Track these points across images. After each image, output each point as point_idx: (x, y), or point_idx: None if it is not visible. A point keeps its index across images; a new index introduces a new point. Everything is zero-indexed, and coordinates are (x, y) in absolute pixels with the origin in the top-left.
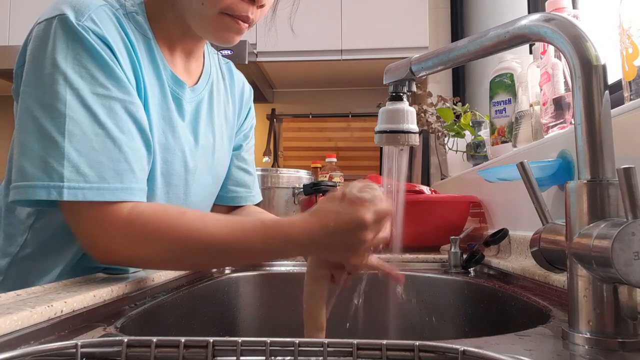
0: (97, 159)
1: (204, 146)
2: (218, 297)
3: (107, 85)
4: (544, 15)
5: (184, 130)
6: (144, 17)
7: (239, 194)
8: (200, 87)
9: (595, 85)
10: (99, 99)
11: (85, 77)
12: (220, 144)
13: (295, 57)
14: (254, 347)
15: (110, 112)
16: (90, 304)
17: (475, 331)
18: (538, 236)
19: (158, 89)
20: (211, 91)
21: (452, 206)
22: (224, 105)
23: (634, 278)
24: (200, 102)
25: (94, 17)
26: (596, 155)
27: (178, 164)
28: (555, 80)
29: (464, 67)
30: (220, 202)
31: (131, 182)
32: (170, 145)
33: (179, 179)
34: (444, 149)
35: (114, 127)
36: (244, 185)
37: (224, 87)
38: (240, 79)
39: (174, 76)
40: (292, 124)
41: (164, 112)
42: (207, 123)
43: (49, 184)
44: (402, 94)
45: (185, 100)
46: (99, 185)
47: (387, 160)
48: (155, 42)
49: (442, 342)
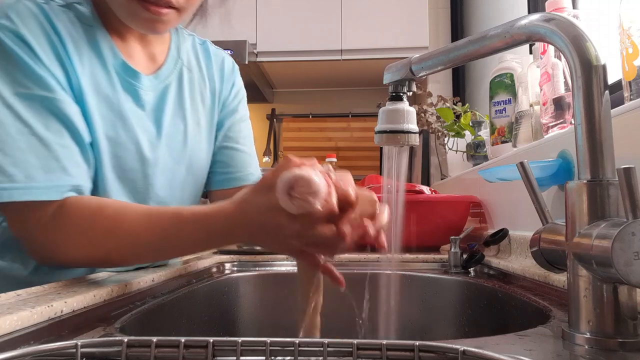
0: (23, 158)
1: (170, 135)
2: (218, 297)
3: (28, 84)
4: (544, 15)
5: (143, 121)
6: (89, 5)
7: (231, 175)
8: (164, 73)
9: (595, 85)
10: (20, 98)
11: (4, 78)
12: (195, 130)
13: (295, 57)
14: (254, 347)
15: (34, 111)
16: (90, 304)
17: (475, 331)
18: (538, 236)
19: (105, 80)
20: (180, 76)
21: (452, 206)
22: (199, 89)
23: (634, 278)
24: (165, 89)
25: (12, 14)
26: (596, 155)
27: (132, 157)
28: (555, 80)
29: (464, 67)
30: (214, 187)
31: (61, 180)
32: (122, 138)
33: (135, 173)
34: (444, 149)
35: (39, 126)
36: (233, 165)
37: (198, 68)
38: (220, 55)
39: (124, 65)
40: (292, 124)
41: (112, 104)
42: (175, 110)
43: None
44: (402, 94)
45: (143, 89)
46: (26, 184)
47: (387, 160)
48: (104, 31)
49: (442, 342)
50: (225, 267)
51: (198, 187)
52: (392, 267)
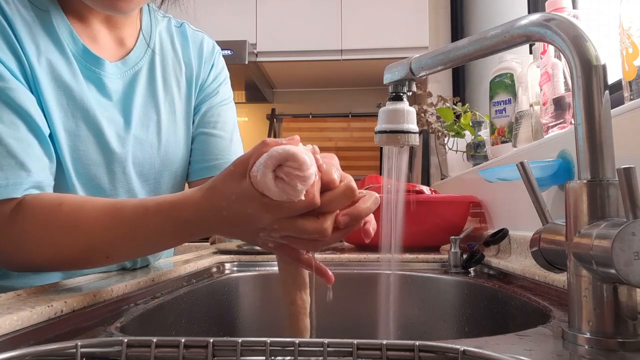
0: None
1: (141, 126)
2: (218, 297)
3: None
4: (544, 15)
5: (109, 111)
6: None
7: (207, 163)
8: (133, 58)
9: (595, 85)
10: None
11: None
12: (170, 120)
13: (295, 57)
14: (254, 347)
15: None
16: (90, 304)
17: (475, 331)
18: (538, 236)
19: (64, 68)
20: (152, 61)
21: (452, 206)
22: (174, 74)
23: (634, 278)
24: (135, 75)
25: None
26: (596, 155)
27: (94, 151)
28: (555, 80)
29: (464, 67)
30: (192, 178)
31: (19, 176)
32: (82, 131)
33: (98, 167)
34: (444, 149)
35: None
36: (210, 152)
37: (173, 53)
38: (198, 38)
39: (85, 51)
40: (292, 124)
41: (72, 93)
42: (146, 99)
43: None
44: (402, 94)
45: (108, 77)
46: None
47: (387, 160)
48: (61, 14)
49: (442, 342)
50: (225, 267)
51: (177, 182)
52: (392, 267)
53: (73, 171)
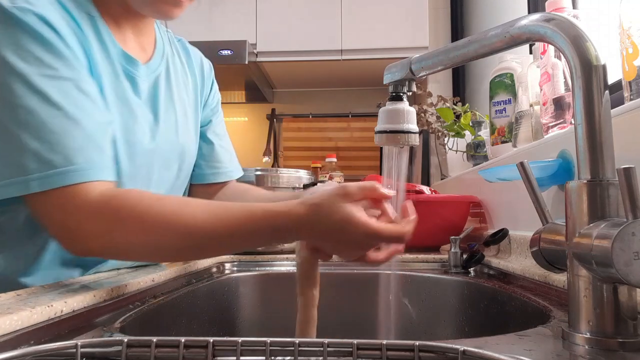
0: (59, 141)
1: (165, 124)
2: (218, 297)
3: (54, 65)
4: (544, 15)
5: (142, 109)
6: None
7: (218, 169)
8: (154, 63)
9: (595, 85)
10: (47, 80)
11: (29, 60)
12: (184, 121)
13: (295, 57)
14: (254, 347)
15: (62, 92)
16: (90, 304)
17: (475, 331)
18: (538, 236)
19: (109, 68)
20: (167, 67)
21: (452, 206)
22: (183, 81)
23: (634, 278)
24: (157, 78)
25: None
26: (596, 155)
27: (139, 143)
28: (555, 80)
29: (464, 67)
30: (200, 181)
31: (99, 159)
32: (129, 124)
33: (143, 157)
34: (444, 149)
35: (69, 106)
36: (220, 160)
37: (180, 63)
38: (197, 55)
39: (124, 54)
40: (292, 124)
41: (118, 91)
42: (167, 100)
43: (15, 179)
44: (402, 94)
45: (140, 78)
46: (65, 168)
47: (387, 160)
48: (101, 20)
49: (442, 342)
50: (225, 267)
51: (186, 177)
52: (392, 267)
53: (126, 163)
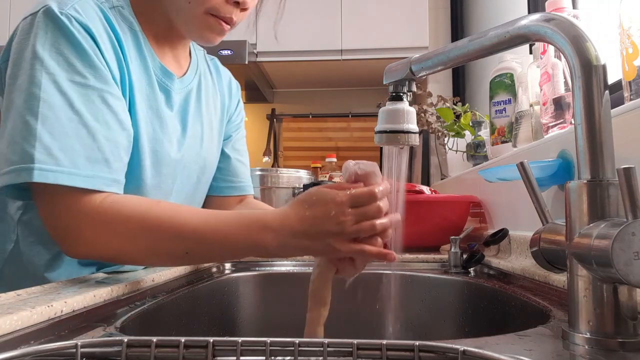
0: (69, 144)
1: (192, 136)
2: (218, 297)
3: (85, 73)
4: (544, 15)
5: (172, 121)
6: (130, 11)
7: (234, 184)
8: (188, 77)
9: (595, 85)
10: (75, 86)
11: (62, 64)
12: (209, 134)
13: (295, 57)
14: (254, 347)
15: (86, 100)
16: (90, 304)
17: (475, 331)
18: (538, 236)
19: (146, 80)
20: (199, 82)
21: (452, 206)
22: (212, 97)
23: (634, 278)
24: (189, 92)
25: (77, 6)
26: (596, 155)
27: (167, 154)
28: (555, 80)
29: (464, 67)
30: (216, 193)
31: (102, 171)
32: (158, 135)
33: (168, 168)
34: (444, 149)
35: (88, 115)
36: (238, 175)
37: (211, 79)
38: (227, 74)
39: (162, 67)
40: (292, 124)
41: (151, 103)
42: (195, 113)
43: (20, 166)
44: (402, 94)
45: (174, 91)
46: (70, 170)
47: (387, 160)
48: (143, 35)
49: (442, 342)
50: (225, 267)
51: (205, 188)
52: (392, 267)
53: (151, 171)
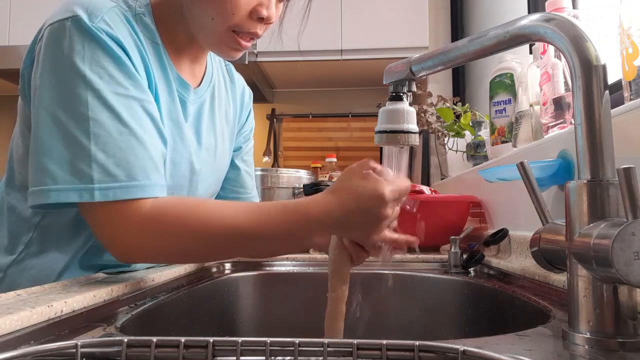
0: (124, 157)
1: (207, 147)
2: (218, 297)
3: (126, 84)
4: (544, 15)
5: (188, 132)
6: (151, 19)
7: (242, 194)
8: (202, 89)
9: (595, 85)
10: (119, 98)
11: (104, 77)
12: (222, 145)
13: (295, 57)
14: (254, 347)
15: (131, 111)
16: (90, 304)
17: (475, 331)
18: (538, 236)
19: (166, 90)
20: (213, 93)
21: (452, 206)
22: (225, 107)
23: (634, 278)
24: (202, 103)
25: (107, 18)
26: (596, 155)
27: (185, 165)
28: (555, 80)
29: (464, 67)
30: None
31: (157, 178)
32: (178, 146)
33: (184, 179)
34: (444, 149)
35: (136, 126)
36: (246, 187)
37: (225, 89)
38: (241, 82)
39: (180, 78)
40: (292, 124)
41: (172, 113)
42: (209, 124)
43: (80, 186)
44: (402, 94)
45: (189, 102)
46: (127, 183)
47: (387, 160)
48: (162, 45)
49: (442, 342)
50: (225, 267)
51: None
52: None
53: (168, 182)
